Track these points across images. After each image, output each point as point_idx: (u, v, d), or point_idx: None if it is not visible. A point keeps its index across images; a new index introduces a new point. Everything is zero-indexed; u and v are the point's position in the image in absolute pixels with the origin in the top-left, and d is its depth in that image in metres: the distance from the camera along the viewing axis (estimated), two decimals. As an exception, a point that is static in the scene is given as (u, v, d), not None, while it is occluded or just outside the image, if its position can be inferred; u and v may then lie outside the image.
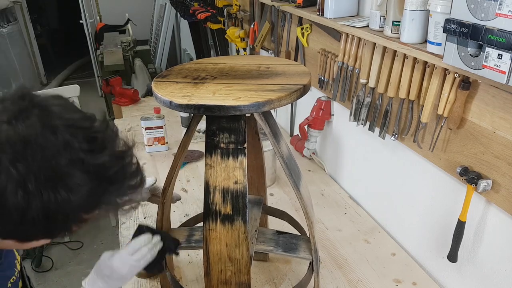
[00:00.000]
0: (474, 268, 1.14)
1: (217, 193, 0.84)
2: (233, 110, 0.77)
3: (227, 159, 0.84)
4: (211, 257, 0.87)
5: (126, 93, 2.64)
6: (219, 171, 0.84)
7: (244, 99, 0.78)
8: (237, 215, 0.84)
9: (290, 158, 0.96)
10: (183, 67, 0.99)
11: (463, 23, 0.87)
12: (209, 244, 0.86)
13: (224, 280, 0.88)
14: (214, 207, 0.85)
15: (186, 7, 3.36)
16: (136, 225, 1.53)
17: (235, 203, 0.84)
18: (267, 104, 0.78)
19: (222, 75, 0.93)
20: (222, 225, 0.85)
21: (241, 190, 0.84)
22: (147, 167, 1.93)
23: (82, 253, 2.88)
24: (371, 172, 1.57)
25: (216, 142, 0.84)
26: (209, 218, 0.85)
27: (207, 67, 0.99)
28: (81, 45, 5.72)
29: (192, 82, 0.89)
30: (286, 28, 1.94)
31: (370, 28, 1.27)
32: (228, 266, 0.86)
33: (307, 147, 1.90)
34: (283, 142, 0.96)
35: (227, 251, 0.86)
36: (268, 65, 0.98)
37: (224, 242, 0.85)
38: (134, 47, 4.68)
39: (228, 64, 1.01)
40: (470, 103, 1.04)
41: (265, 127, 0.90)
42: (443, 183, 1.20)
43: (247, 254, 0.85)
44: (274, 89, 0.82)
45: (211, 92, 0.82)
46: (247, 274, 0.87)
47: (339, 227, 1.51)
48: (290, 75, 0.91)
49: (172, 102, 0.80)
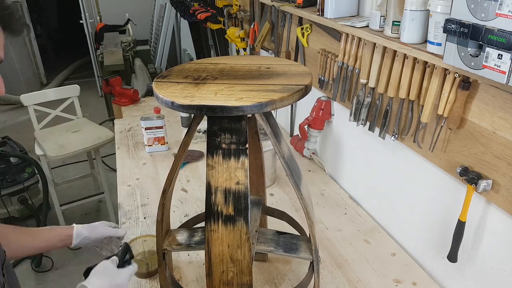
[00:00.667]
0: (474, 268, 1.14)
1: (219, 194, 0.84)
2: (235, 111, 0.77)
3: (228, 160, 0.83)
4: (213, 258, 0.87)
5: (126, 93, 2.64)
6: (220, 172, 0.84)
7: (247, 100, 0.78)
8: (239, 216, 0.84)
9: (291, 159, 0.96)
10: (183, 68, 0.99)
11: (463, 23, 0.87)
12: (211, 245, 0.86)
13: (226, 281, 0.88)
14: (216, 208, 0.84)
15: (186, 7, 3.37)
16: (136, 225, 1.53)
17: (237, 204, 0.84)
18: (269, 104, 0.78)
19: (223, 75, 0.93)
20: (224, 226, 0.85)
21: (243, 190, 0.84)
22: (147, 167, 1.93)
23: (82, 253, 2.88)
24: (371, 172, 1.57)
25: (218, 143, 0.84)
26: (211, 219, 0.85)
27: (207, 67, 0.99)
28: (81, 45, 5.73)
29: (193, 82, 0.89)
30: (286, 28, 1.94)
31: (370, 28, 1.27)
32: (230, 267, 0.86)
33: (307, 147, 1.90)
34: (284, 142, 0.96)
35: (229, 252, 0.85)
36: (268, 65, 0.98)
37: (226, 243, 0.85)
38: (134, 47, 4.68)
39: (229, 64, 1.00)
40: (470, 103, 1.04)
41: (266, 127, 0.90)
42: (443, 183, 1.20)
43: (249, 255, 0.85)
44: (276, 90, 0.82)
45: (213, 93, 0.82)
46: (249, 275, 0.86)
47: (339, 227, 1.51)
48: (291, 76, 0.91)
49: (174, 103, 0.79)
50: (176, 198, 1.67)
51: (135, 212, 1.60)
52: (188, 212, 1.59)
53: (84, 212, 3.31)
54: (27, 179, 2.95)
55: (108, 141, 2.88)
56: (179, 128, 2.30)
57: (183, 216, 1.57)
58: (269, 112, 0.88)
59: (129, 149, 2.10)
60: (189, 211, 1.60)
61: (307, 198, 0.97)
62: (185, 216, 1.57)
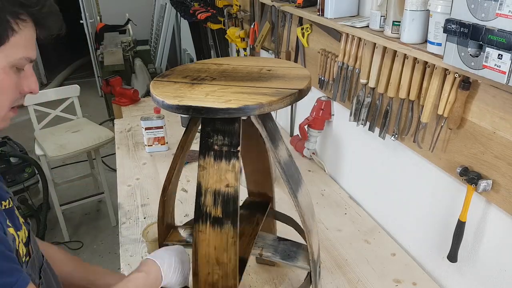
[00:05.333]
0: (474, 268, 1.14)
1: (209, 195, 0.84)
2: (221, 113, 0.75)
3: (219, 162, 0.83)
4: (199, 258, 0.86)
5: (126, 93, 2.64)
6: (211, 173, 0.83)
7: (234, 102, 0.77)
8: (227, 219, 0.83)
9: (289, 164, 0.94)
10: (186, 67, 0.99)
11: (463, 23, 0.87)
12: (198, 245, 0.85)
13: (211, 283, 0.87)
14: (204, 209, 0.84)
15: (186, 7, 3.37)
16: (136, 225, 1.53)
17: (226, 206, 0.83)
18: (256, 108, 0.76)
19: (222, 76, 0.92)
20: (211, 228, 0.84)
21: (232, 193, 0.82)
22: (147, 167, 1.93)
23: (82, 253, 2.88)
24: (371, 172, 1.57)
25: (210, 144, 0.83)
26: (199, 220, 0.85)
27: (210, 67, 0.98)
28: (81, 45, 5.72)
29: (190, 82, 0.88)
30: (286, 28, 1.94)
31: (370, 28, 1.27)
32: (215, 269, 0.86)
33: (307, 147, 1.90)
34: (282, 146, 0.94)
35: (215, 254, 0.85)
36: (270, 68, 0.97)
37: (213, 245, 0.84)
38: (134, 47, 4.68)
39: (232, 65, 1.00)
40: (470, 103, 1.04)
41: (261, 130, 0.88)
42: (443, 183, 1.20)
43: (234, 259, 0.84)
44: (268, 93, 0.81)
45: (205, 94, 0.81)
46: (234, 279, 0.85)
47: (339, 227, 1.51)
48: (289, 79, 0.89)
49: (164, 102, 0.80)
50: (176, 198, 1.66)
51: (135, 212, 1.60)
52: (188, 212, 1.59)
53: (84, 212, 3.31)
54: (27, 179, 2.95)
55: (108, 141, 2.88)
56: (179, 128, 2.30)
57: (183, 216, 1.56)
58: (266, 114, 0.87)
59: (129, 149, 2.10)
60: (189, 211, 1.60)
61: (305, 206, 0.95)
62: (185, 216, 1.57)
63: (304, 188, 0.98)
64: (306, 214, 0.95)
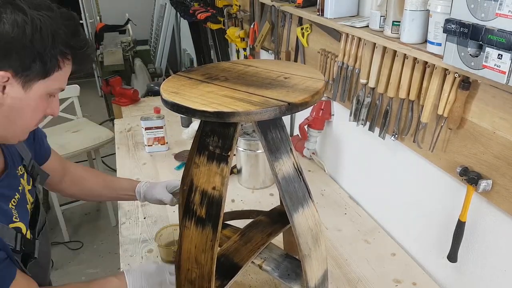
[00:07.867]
0: (474, 268, 1.14)
1: (198, 193, 0.84)
2: (198, 114, 0.75)
3: (211, 163, 0.83)
4: (182, 253, 0.87)
5: (126, 93, 2.64)
6: (203, 173, 0.83)
7: (214, 106, 0.75)
8: (209, 221, 0.83)
9: (291, 180, 0.88)
10: (216, 65, 0.98)
11: (463, 23, 0.87)
12: (182, 240, 0.87)
13: (190, 280, 0.88)
14: (192, 206, 0.84)
15: (186, 7, 3.37)
16: (136, 225, 1.53)
17: (209, 208, 0.83)
18: (230, 116, 0.73)
19: (237, 78, 0.89)
20: (195, 226, 0.84)
21: (217, 197, 0.82)
22: (147, 167, 1.93)
23: (82, 253, 2.88)
24: (371, 172, 1.57)
25: (206, 144, 0.83)
26: (186, 215, 0.85)
27: (236, 68, 0.96)
28: (81, 45, 5.71)
29: (201, 80, 0.88)
30: (286, 28, 1.94)
31: (370, 28, 1.27)
32: (194, 267, 0.86)
33: (307, 147, 1.90)
34: (287, 160, 0.88)
35: (195, 253, 0.85)
36: (289, 75, 0.91)
37: (194, 243, 0.85)
38: (134, 47, 4.68)
39: (259, 68, 0.96)
40: (470, 103, 1.04)
41: (260, 139, 0.85)
42: (443, 183, 1.20)
43: (211, 262, 0.84)
44: (255, 102, 0.77)
45: (200, 94, 0.81)
46: (209, 282, 0.85)
47: (339, 227, 1.51)
48: (295, 90, 0.83)
49: (162, 95, 0.82)
50: (176, 198, 1.67)
51: (135, 212, 1.60)
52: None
53: (84, 212, 3.31)
54: (27, 179, 2.94)
55: (108, 141, 2.88)
56: (179, 128, 2.30)
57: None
58: (268, 123, 0.84)
59: (129, 149, 2.10)
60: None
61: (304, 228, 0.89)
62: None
63: (310, 209, 0.92)
64: (303, 237, 0.89)
